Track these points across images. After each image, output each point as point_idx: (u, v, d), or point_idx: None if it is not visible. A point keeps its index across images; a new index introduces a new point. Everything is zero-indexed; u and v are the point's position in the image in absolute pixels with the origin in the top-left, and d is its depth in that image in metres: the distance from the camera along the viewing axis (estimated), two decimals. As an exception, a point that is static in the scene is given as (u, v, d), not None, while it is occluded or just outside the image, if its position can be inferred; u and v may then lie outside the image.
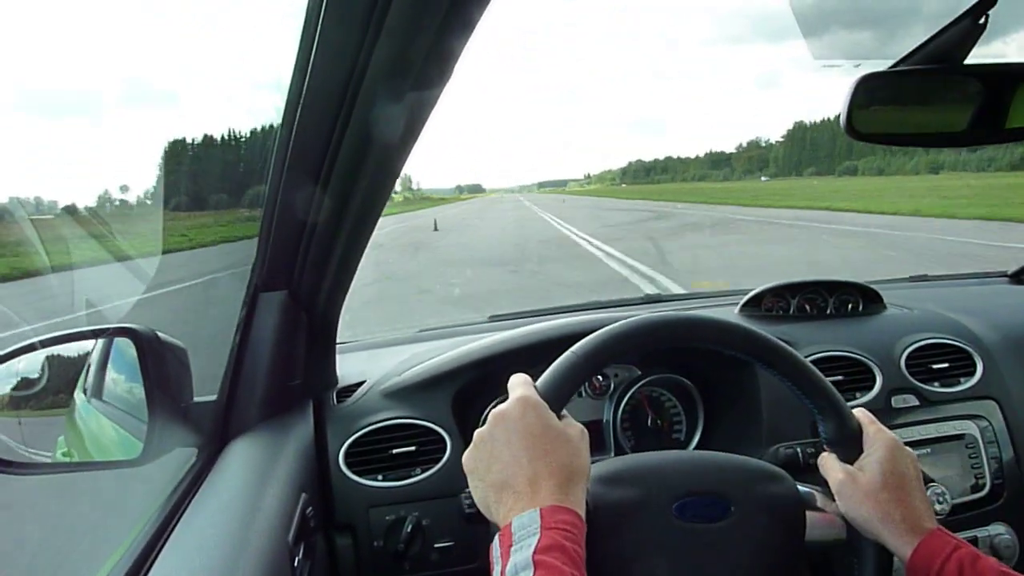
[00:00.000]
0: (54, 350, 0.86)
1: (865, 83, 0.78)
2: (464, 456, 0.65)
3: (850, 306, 1.39)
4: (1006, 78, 0.78)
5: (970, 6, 0.70)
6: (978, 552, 0.64)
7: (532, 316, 1.52)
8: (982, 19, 0.71)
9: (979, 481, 1.15)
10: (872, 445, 0.71)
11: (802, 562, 0.77)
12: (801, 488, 0.72)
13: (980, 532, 1.12)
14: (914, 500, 0.67)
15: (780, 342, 0.73)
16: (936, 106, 0.83)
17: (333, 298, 1.03)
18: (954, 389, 1.21)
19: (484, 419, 0.67)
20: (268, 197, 0.82)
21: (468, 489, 0.64)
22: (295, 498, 0.82)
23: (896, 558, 0.67)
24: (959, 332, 1.29)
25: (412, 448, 1.03)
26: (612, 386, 1.22)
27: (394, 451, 1.02)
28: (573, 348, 0.70)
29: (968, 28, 0.72)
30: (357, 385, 1.14)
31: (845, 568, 0.72)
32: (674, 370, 1.21)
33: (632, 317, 0.73)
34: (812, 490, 0.73)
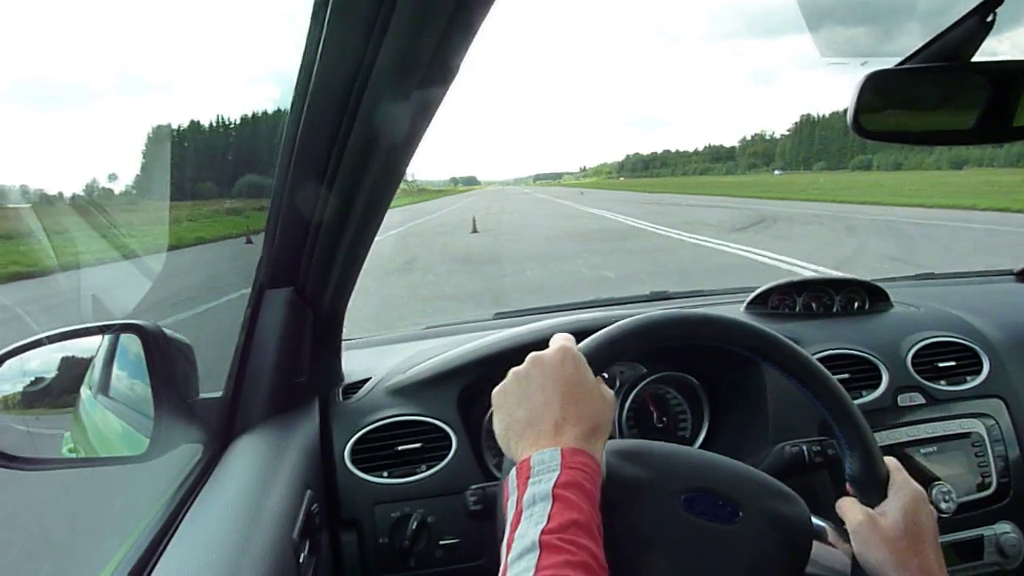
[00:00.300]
0: (60, 345, 0.86)
1: (872, 81, 0.78)
2: (495, 390, 0.69)
3: (856, 304, 1.39)
4: (1014, 76, 0.78)
5: (977, 4, 0.70)
6: None
7: (537, 313, 1.52)
8: (989, 17, 0.71)
9: (985, 480, 1.15)
10: (898, 492, 0.71)
11: None
12: (815, 519, 0.71)
13: (986, 531, 1.12)
14: (930, 552, 0.68)
15: (834, 381, 0.74)
16: (943, 104, 0.83)
17: (339, 295, 1.03)
18: (960, 387, 1.21)
19: (489, 416, 0.67)
20: (274, 194, 0.82)
21: (473, 487, 0.64)
22: (300, 495, 0.82)
23: None
24: (966, 331, 1.29)
25: (418, 445, 1.03)
26: (618, 383, 1.22)
27: (400, 448, 1.02)
28: (621, 322, 0.72)
29: (975, 26, 0.72)
30: (363, 382, 1.14)
31: None
32: (679, 368, 1.21)
33: (639, 314, 0.73)
34: (825, 524, 0.72)
